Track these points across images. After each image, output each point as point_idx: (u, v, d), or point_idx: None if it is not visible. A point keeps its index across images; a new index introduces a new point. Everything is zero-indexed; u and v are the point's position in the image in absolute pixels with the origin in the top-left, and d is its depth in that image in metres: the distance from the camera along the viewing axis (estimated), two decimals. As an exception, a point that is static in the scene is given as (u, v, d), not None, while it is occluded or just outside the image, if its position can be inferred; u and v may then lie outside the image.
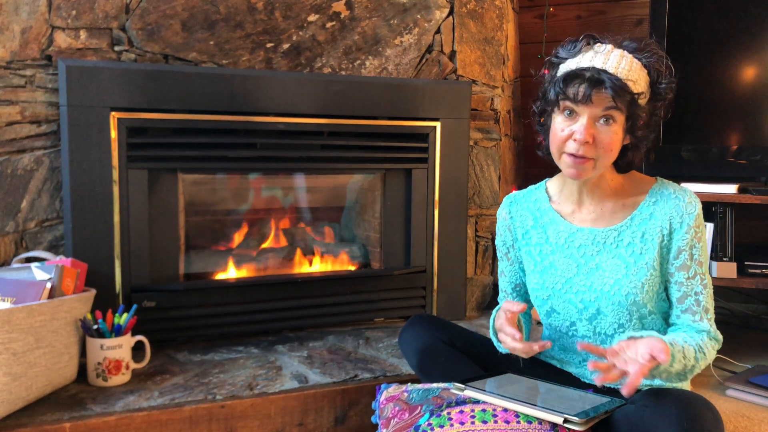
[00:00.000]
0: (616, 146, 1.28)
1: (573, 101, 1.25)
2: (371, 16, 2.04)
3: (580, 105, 1.25)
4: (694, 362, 1.25)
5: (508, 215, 1.51)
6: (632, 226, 1.35)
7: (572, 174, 1.30)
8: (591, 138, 1.25)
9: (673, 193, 1.34)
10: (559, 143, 1.29)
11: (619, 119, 1.26)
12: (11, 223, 1.70)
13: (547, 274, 1.41)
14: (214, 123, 1.81)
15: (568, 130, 1.27)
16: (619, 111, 1.25)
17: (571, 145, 1.27)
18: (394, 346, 1.87)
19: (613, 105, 1.23)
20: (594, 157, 1.27)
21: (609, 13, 2.69)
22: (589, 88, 1.23)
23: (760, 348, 2.16)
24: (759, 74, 2.11)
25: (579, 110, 1.26)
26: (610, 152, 1.28)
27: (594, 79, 1.23)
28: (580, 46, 1.30)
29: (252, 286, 1.93)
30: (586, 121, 1.25)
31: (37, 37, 1.69)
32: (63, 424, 1.33)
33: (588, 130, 1.24)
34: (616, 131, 1.26)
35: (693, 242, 1.31)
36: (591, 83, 1.23)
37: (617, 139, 1.28)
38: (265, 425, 1.51)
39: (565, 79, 1.26)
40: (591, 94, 1.23)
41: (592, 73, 1.23)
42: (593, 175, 1.31)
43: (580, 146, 1.25)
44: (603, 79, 1.22)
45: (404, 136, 2.06)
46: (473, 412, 1.23)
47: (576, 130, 1.26)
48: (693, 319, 1.32)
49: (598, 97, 1.23)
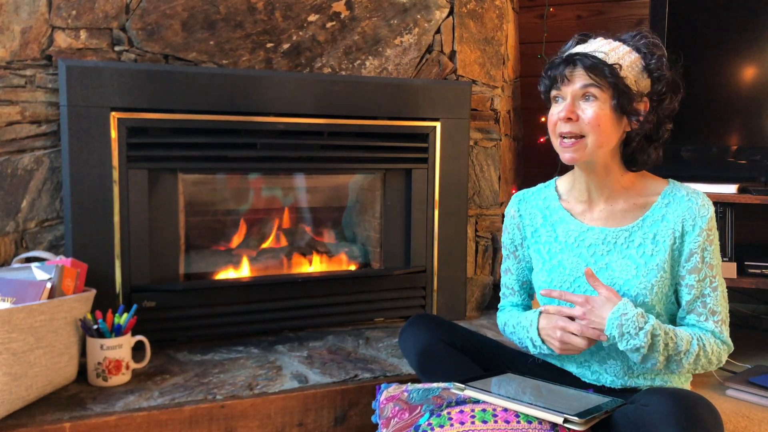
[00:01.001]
0: (603, 123, 1.29)
1: (556, 85, 1.32)
2: (371, 16, 2.04)
3: (562, 87, 1.31)
4: (687, 347, 1.27)
5: (516, 213, 1.51)
6: (644, 227, 1.35)
7: (567, 158, 1.33)
8: (573, 114, 1.30)
9: (686, 196, 1.34)
10: (552, 130, 1.35)
11: (602, 96, 1.29)
12: (11, 223, 1.70)
13: (556, 272, 1.41)
14: (214, 123, 1.81)
15: (556, 115, 1.33)
16: (598, 87, 1.28)
17: (559, 126, 1.32)
18: (394, 346, 1.87)
19: (589, 82, 1.28)
20: (581, 133, 1.30)
21: (609, 13, 2.69)
22: (564, 68, 1.30)
23: (760, 348, 2.16)
24: (759, 74, 2.11)
25: (563, 93, 1.32)
26: (597, 127, 1.29)
27: (568, 58, 1.31)
28: (572, 43, 1.37)
29: (252, 286, 1.93)
30: (569, 100, 1.30)
31: (37, 37, 1.69)
32: (63, 424, 1.33)
33: (568, 107, 1.30)
34: (601, 107, 1.29)
35: (705, 245, 1.31)
36: (565, 63, 1.30)
37: (603, 114, 1.29)
38: (265, 425, 1.51)
39: (548, 68, 1.34)
40: (565, 73, 1.30)
41: (567, 57, 1.31)
42: (589, 156, 1.31)
43: (564, 123, 1.30)
44: (576, 58, 1.30)
45: (404, 136, 2.06)
46: (473, 412, 1.23)
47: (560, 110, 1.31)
48: (697, 319, 1.33)
49: (572, 74, 1.30)
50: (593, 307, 1.28)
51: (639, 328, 1.24)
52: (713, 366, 1.32)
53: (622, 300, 1.27)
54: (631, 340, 1.24)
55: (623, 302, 1.26)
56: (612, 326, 1.25)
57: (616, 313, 1.25)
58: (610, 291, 1.28)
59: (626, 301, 1.26)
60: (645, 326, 1.24)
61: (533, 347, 1.40)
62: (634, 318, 1.24)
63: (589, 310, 1.28)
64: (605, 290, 1.29)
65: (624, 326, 1.24)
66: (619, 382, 1.38)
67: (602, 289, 1.29)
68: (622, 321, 1.24)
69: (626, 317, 1.24)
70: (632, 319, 1.24)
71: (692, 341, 1.28)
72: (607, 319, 1.26)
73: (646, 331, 1.24)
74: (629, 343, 1.24)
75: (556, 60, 1.34)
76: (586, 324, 1.28)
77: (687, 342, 1.27)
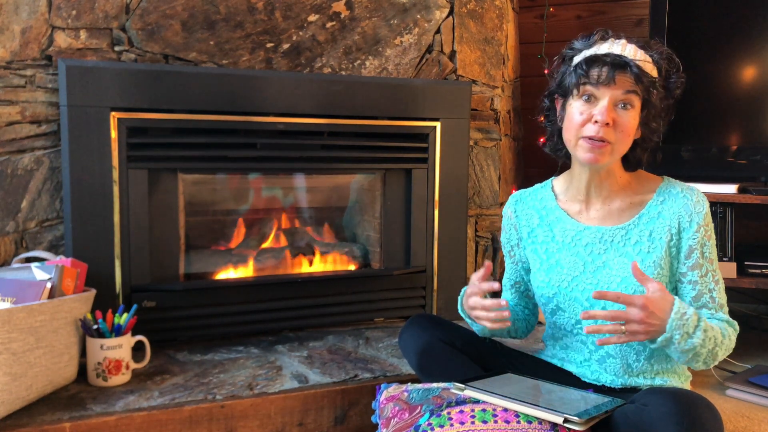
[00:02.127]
0: (633, 133, 1.31)
1: (595, 83, 1.27)
2: (371, 16, 2.04)
3: (601, 87, 1.27)
4: (722, 338, 1.26)
5: (513, 213, 1.52)
6: (640, 225, 1.36)
7: (589, 158, 1.30)
8: (611, 120, 1.27)
9: (681, 192, 1.35)
10: (576, 127, 1.31)
11: (637, 106, 1.29)
12: (11, 223, 1.70)
13: (554, 272, 1.41)
14: (214, 123, 1.81)
15: (587, 114, 1.29)
16: (637, 97, 1.28)
17: (589, 129, 1.29)
18: (394, 346, 1.87)
19: (633, 89, 1.27)
20: (612, 141, 1.28)
21: (609, 13, 2.69)
22: (613, 70, 1.26)
23: (760, 348, 2.16)
24: (759, 74, 2.11)
25: (599, 94, 1.28)
26: (628, 138, 1.30)
27: (617, 62, 1.27)
28: (595, 38, 1.34)
29: (252, 286, 1.93)
30: (607, 103, 1.27)
31: (37, 37, 1.69)
32: (63, 424, 1.33)
33: (609, 112, 1.27)
34: (634, 117, 1.29)
35: (703, 240, 1.32)
36: (614, 66, 1.26)
37: (635, 125, 1.30)
38: (265, 425, 1.51)
39: (587, 62, 1.29)
40: (615, 76, 1.26)
41: (614, 58, 1.27)
42: (609, 161, 1.32)
43: (600, 128, 1.27)
44: (626, 62, 1.26)
45: (404, 136, 2.06)
46: (473, 412, 1.23)
47: (597, 112, 1.28)
48: (710, 313, 1.34)
49: (620, 79, 1.27)
50: (654, 309, 1.19)
51: (695, 325, 1.19)
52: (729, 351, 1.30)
53: (675, 298, 1.21)
54: (689, 340, 1.20)
55: (678, 301, 1.20)
56: (672, 327, 1.19)
57: (677, 314, 1.19)
58: (661, 286, 1.21)
59: (679, 300, 1.21)
60: (700, 323, 1.20)
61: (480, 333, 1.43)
62: (692, 316, 1.19)
63: (650, 312, 1.18)
64: (656, 285, 1.20)
65: (684, 326, 1.19)
66: (618, 381, 1.38)
67: (652, 284, 1.21)
68: (683, 321, 1.19)
69: (686, 317, 1.19)
70: (691, 318, 1.19)
71: (724, 332, 1.28)
72: (669, 320, 1.19)
73: (702, 328, 1.20)
74: (687, 343, 1.20)
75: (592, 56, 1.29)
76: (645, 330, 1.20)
77: (720, 333, 1.26)
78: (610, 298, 1.21)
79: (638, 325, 1.19)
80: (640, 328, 1.19)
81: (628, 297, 1.19)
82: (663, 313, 1.19)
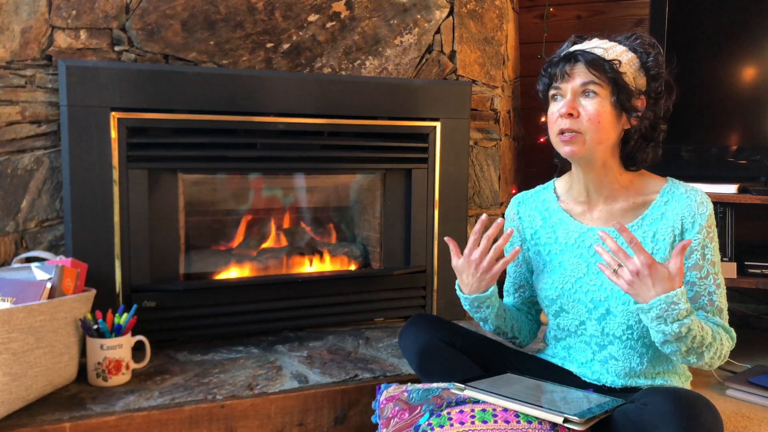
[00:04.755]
0: (603, 119, 1.30)
1: (557, 81, 1.32)
2: (371, 16, 2.05)
3: (561, 84, 1.32)
4: (711, 340, 1.24)
5: (516, 216, 1.52)
6: (643, 226, 1.35)
7: (567, 152, 1.32)
8: (573, 110, 1.30)
9: (685, 193, 1.34)
10: (551, 127, 1.35)
11: (602, 92, 1.29)
12: (11, 223, 1.70)
13: (557, 273, 1.41)
14: (214, 123, 1.81)
15: (557, 112, 1.33)
16: (598, 84, 1.29)
17: (559, 123, 1.32)
18: (394, 346, 1.87)
19: (589, 79, 1.29)
20: (581, 130, 1.30)
21: (609, 13, 2.69)
22: (564, 65, 1.31)
23: (760, 348, 2.16)
24: (759, 74, 2.11)
25: (562, 90, 1.32)
26: (597, 124, 1.29)
27: (568, 56, 1.32)
28: (568, 44, 1.38)
29: (252, 286, 1.93)
30: (570, 96, 1.31)
31: (37, 37, 1.69)
32: (63, 424, 1.33)
33: (569, 104, 1.30)
34: (601, 104, 1.29)
35: (705, 242, 1.32)
36: (565, 60, 1.32)
37: (603, 111, 1.30)
38: (265, 425, 1.51)
39: (546, 66, 1.35)
40: (565, 69, 1.31)
41: (566, 54, 1.32)
42: (587, 152, 1.31)
43: (565, 120, 1.30)
44: (576, 54, 1.31)
45: (404, 136, 2.06)
46: (473, 412, 1.23)
47: (560, 107, 1.32)
48: (706, 316, 1.33)
49: (573, 71, 1.31)
50: (652, 273, 1.17)
51: (677, 319, 1.18)
52: (722, 360, 1.29)
53: (681, 287, 1.19)
54: (662, 325, 1.19)
55: (681, 290, 1.18)
56: (655, 304, 1.18)
57: (668, 298, 1.17)
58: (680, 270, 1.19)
59: (683, 291, 1.18)
60: (685, 320, 1.18)
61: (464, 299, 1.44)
62: (681, 311, 1.17)
63: (646, 275, 1.18)
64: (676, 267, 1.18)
65: (666, 312, 1.17)
66: (619, 382, 1.38)
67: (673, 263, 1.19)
68: (669, 308, 1.17)
69: (673, 307, 1.17)
70: (678, 311, 1.17)
71: (715, 336, 1.26)
72: (656, 298, 1.18)
73: (685, 324, 1.18)
74: (659, 326, 1.19)
75: (555, 58, 1.35)
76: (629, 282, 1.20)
77: (711, 336, 1.25)
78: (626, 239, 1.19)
79: (629, 275, 1.19)
80: (627, 278, 1.20)
81: (641, 248, 1.18)
82: (657, 287, 1.18)
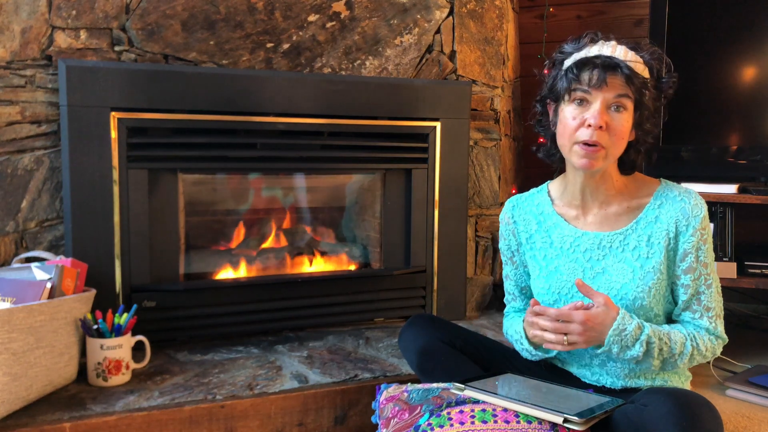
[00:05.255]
0: (626, 136, 1.30)
1: (587, 86, 1.26)
2: (371, 16, 2.04)
3: (593, 90, 1.26)
4: (681, 349, 1.28)
5: (511, 219, 1.50)
6: (638, 230, 1.35)
7: (584, 164, 1.29)
8: (605, 123, 1.26)
9: (678, 196, 1.34)
10: (570, 132, 1.29)
11: (629, 108, 1.28)
12: (11, 223, 1.70)
13: (553, 278, 1.41)
14: (214, 123, 1.81)
15: (580, 118, 1.28)
16: (629, 99, 1.27)
17: (583, 133, 1.27)
18: (394, 346, 1.87)
19: (624, 92, 1.26)
20: (606, 145, 1.27)
21: (609, 13, 2.69)
22: (604, 72, 1.25)
23: (760, 348, 2.16)
24: (759, 74, 2.11)
25: (591, 97, 1.27)
26: (621, 141, 1.29)
27: (608, 64, 1.25)
28: (585, 41, 1.33)
29: (252, 286, 1.93)
30: (600, 107, 1.26)
31: (37, 37, 1.69)
32: (63, 424, 1.33)
33: (602, 115, 1.25)
34: (627, 119, 1.28)
35: (699, 244, 1.31)
36: (605, 68, 1.25)
37: (628, 128, 1.29)
38: (265, 425, 1.51)
39: (578, 65, 1.28)
40: (606, 78, 1.25)
41: (605, 60, 1.26)
42: (603, 166, 1.31)
43: (594, 132, 1.26)
44: (617, 64, 1.25)
45: (404, 136, 2.06)
46: (473, 412, 1.23)
47: (589, 116, 1.26)
48: (692, 316, 1.33)
49: (611, 81, 1.25)
50: (593, 325, 1.25)
51: (635, 339, 1.25)
52: (708, 359, 1.34)
53: (620, 313, 1.25)
54: (627, 352, 1.26)
55: (621, 316, 1.25)
56: (610, 341, 1.25)
57: (615, 330, 1.24)
58: (606, 299, 1.26)
59: (624, 315, 1.26)
60: (641, 336, 1.25)
61: (530, 355, 1.41)
62: (632, 332, 1.25)
63: (590, 327, 1.25)
64: (601, 298, 1.26)
65: (623, 341, 1.25)
66: (619, 383, 1.38)
67: (598, 298, 1.26)
68: (622, 336, 1.25)
69: (625, 333, 1.25)
70: (630, 333, 1.25)
71: (686, 343, 1.29)
72: (607, 335, 1.25)
73: (642, 341, 1.25)
74: (626, 354, 1.27)
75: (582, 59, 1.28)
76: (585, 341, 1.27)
77: (681, 344, 1.29)
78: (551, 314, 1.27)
79: (578, 337, 1.26)
80: (579, 339, 1.26)
81: (568, 314, 1.25)
82: (603, 326, 1.25)
